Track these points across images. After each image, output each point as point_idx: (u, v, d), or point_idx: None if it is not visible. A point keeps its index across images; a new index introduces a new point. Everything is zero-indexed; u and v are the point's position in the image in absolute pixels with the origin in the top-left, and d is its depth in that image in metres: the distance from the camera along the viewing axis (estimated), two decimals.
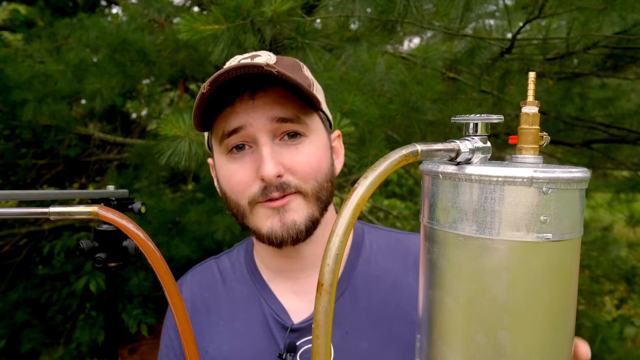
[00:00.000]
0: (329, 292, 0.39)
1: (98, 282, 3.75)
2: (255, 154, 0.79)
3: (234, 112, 0.79)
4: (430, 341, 0.48)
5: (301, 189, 0.79)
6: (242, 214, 0.83)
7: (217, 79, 0.73)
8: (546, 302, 0.43)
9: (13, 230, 4.01)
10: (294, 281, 0.91)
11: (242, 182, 0.80)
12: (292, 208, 0.80)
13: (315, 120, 0.84)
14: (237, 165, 0.81)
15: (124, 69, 2.87)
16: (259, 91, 0.79)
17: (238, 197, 0.82)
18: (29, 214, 0.52)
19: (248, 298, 0.93)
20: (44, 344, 3.90)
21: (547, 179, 0.42)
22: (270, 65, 0.72)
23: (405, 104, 2.36)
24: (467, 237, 0.44)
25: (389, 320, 0.86)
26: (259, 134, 0.78)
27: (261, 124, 0.78)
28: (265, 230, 0.80)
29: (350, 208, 0.39)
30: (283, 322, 0.87)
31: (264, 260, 0.95)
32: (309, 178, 0.80)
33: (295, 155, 0.79)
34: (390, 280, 0.90)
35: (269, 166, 0.75)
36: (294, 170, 0.79)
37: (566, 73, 3.27)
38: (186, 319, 0.52)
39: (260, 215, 0.81)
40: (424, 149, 0.44)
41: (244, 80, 0.77)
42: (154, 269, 0.51)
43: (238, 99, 0.79)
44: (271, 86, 0.79)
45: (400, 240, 0.97)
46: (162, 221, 3.27)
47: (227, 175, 0.82)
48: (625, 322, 4.22)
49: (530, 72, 0.49)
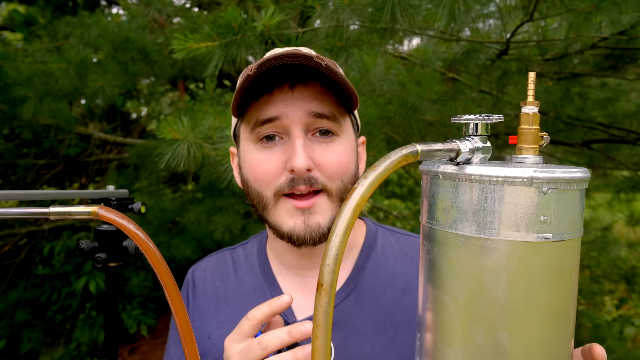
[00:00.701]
0: (329, 292, 0.39)
1: (98, 282, 3.75)
2: (287, 146, 0.78)
3: (272, 101, 0.78)
4: (430, 341, 0.48)
5: (327, 187, 0.79)
6: (264, 206, 0.82)
7: (266, 63, 0.72)
8: (546, 302, 0.43)
9: (13, 230, 4.01)
10: (301, 279, 0.91)
11: (270, 172, 0.79)
12: (317, 210, 0.79)
13: (347, 122, 0.84)
14: (265, 155, 0.80)
15: (126, 67, 2.88)
16: (299, 83, 0.78)
17: (262, 187, 0.81)
18: (29, 214, 0.52)
19: (255, 290, 0.94)
20: (44, 344, 3.90)
21: (547, 179, 0.42)
22: (320, 57, 0.72)
23: (404, 105, 2.36)
24: (467, 237, 0.44)
25: (394, 326, 0.85)
26: (293, 126, 0.78)
27: (297, 117, 0.77)
28: (286, 228, 0.80)
29: (350, 208, 0.39)
30: (286, 317, 0.87)
31: (276, 255, 0.95)
32: (335, 177, 0.80)
33: (326, 153, 0.79)
34: (400, 286, 0.89)
35: (301, 158, 0.74)
36: (323, 167, 0.78)
37: (565, 73, 3.26)
38: (186, 318, 0.52)
39: (283, 211, 0.80)
40: (424, 149, 0.44)
41: (285, 71, 0.77)
42: (154, 269, 0.51)
43: (277, 88, 0.78)
44: (311, 80, 0.79)
45: (416, 245, 0.96)
46: (162, 221, 3.27)
47: (254, 164, 0.81)
48: (625, 322, 4.22)
49: (530, 72, 0.49)
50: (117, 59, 2.85)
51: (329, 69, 0.72)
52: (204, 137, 1.87)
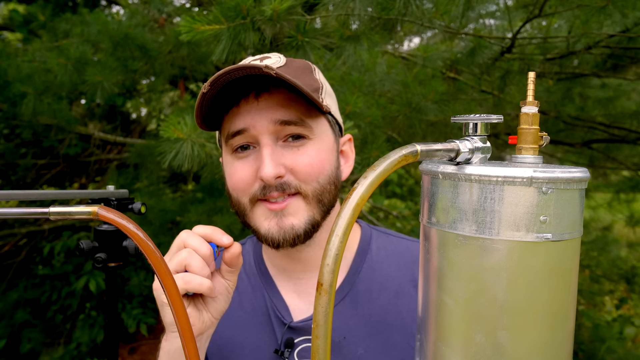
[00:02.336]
0: (329, 292, 0.39)
1: (98, 282, 3.75)
2: (257, 155, 0.80)
3: (239, 113, 0.80)
4: (430, 341, 0.48)
5: (301, 190, 0.80)
6: (243, 212, 0.84)
7: (218, 80, 0.74)
8: (546, 302, 0.43)
9: (13, 230, 4.01)
10: (295, 281, 0.92)
11: (243, 180, 0.81)
12: (290, 212, 0.80)
13: (321, 123, 0.84)
14: (239, 164, 0.82)
15: (125, 64, 2.87)
16: (263, 93, 0.79)
17: (239, 195, 0.83)
18: (29, 214, 0.52)
19: (254, 290, 0.95)
20: (44, 344, 3.90)
21: (546, 178, 0.42)
22: (269, 67, 0.72)
23: (407, 105, 2.36)
24: (467, 237, 0.44)
25: (388, 329, 0.86)
26: (261, 136, 0.79)
27: (264, 127, 0.78)
28: (263, 231, 0.82)
29: (349, 208, 0.40)
30: (282, 318, 0.88)
31: (269, 257, 0.97)
32: (310, 179, 0.80)
33: (297, 156, 0.80)
34: (393, 290, 0.90)
35: (268, 167, 0.76)
36: (295, 170, 0.79)
37: (566, 73, 3.26)
38: (186, 318, 0.52)
39: (259, 215, 0.82)
40: (424, 149, 0.44)
41: (249, 81, 0.78)
42: (154, 269, 0.51)
43: (243, 99, 0.80)
44: (276, 88, 0.79)
45: (410, 249, 0.96)
46: (163, 221, 3.27)
47: (230, 173, 0.84)
48: (625, 322, 4.22)
49: (530, 72, 0.49)
50: (116, 56, 2.84)
51: (280, 76, 0.72)
52: (206, 136, 1.87)
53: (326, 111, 0.83)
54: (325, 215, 0.84)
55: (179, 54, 2.98)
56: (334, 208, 0.87)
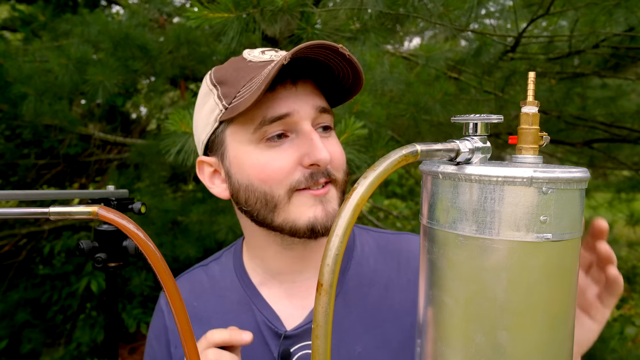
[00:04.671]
0: (329, 292, 0.39)
1: (99, 283, 3.75)
2: (297, 142, 0.77)
3: (278, 97, 0.76)
4: (430, 341, 0.48)
5: (335, 178, 0.81)
6: (275, 205, 0.78)
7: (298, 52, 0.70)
8: (546, 302, 0.43)
9: (13, 230, 4.01)
10: (288, 285, 0.89)
11: (283, 170, 0.76)
12: (331, 197, 0.80)
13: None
14: (274, 153, 0.77)
15: (126, 64, 2.87)
16: (300, 79, 0.78)
17: (273, 187, 0.77)
18: (29, 214, 0.52)
19: (239, 305, 0.90)
20: (45, 344, 3.90)
21: (546, 179, 0.42)
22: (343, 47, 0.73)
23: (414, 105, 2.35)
24: (467, 237, 0.44)
25: (382, 323, 0.85)
26: (303, 122, 0.77)
27: (307, 112, 0.77)
28: (305, 220, 0.77)
29: (350, 208, 0.40)
30: (276, 328, 0.85)
31: (261, 262, 0.91)
32: (340, 169, 0.82)
33: (330, 146, 0.80)
34: (383, 283, 0.89)
35: (324, 151, 0.74)
36: (332, 159, 0.79)
37: (567, 73, 3.27)
38: (186, 318, 0.52)
39: (298, 205, 0.78)
40: (424, 149, 0.44)
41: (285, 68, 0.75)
42: (154, 269, 0.51)
43: (280, 85, 0.76)
44: (306, 77, 0.80)
45: (391, 241, 0.96)
46: (164, 221, 3.27)
47: (260, 164, 0.77)
48: (625, 321, 4.22)
49: (530, 72, 0.49)
50: (116, 56, 2.84)
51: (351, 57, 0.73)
52: None
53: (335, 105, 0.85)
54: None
55: (179, 53, 2.98)
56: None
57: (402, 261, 0.92)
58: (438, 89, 2.34)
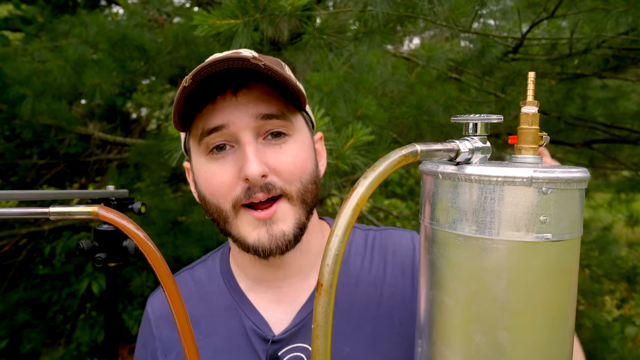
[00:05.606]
0: (329, 293, 0.39)
1: (100, 283, 3.75)
2: (238, 154, 0.75)
3: (215, 109, 0.74)
4: (430, 341, 0.48)
5: (286, 191, 0.76)
6: (225, 219, 0.77)
7: (200, 72, 0.68)
8: (546, 302, 0.43)
9: (13, 230, 4.01)
10: (275, 290, 0.87)
11: (224, 184, 0.75)
12: (279, 218, 0.76)
13: (299, 120, 0.81)
14: (217, 166, 0.76)
15: (123, 64, 2.86)
16: (242, 88, 0.75)
17: (219, 201, 0.76)
18: (29, 214, 0.52)
19: (226, 311, 0.88)
20: (44, 344, 3.90)
21: (546, 179, 0.42)
22: (257, 58, 0.68)
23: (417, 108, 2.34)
24: (467, 237, 0.44)
25: (371, 322, 0.84)
26: (241, 133, 0.74)
27: (244, 122, 0.73)
28: (251, 241, 0.76)
29: (350, 208, 0.39)
30: (264, 334, 0.83)
31: (243, 269, 0.90)
32: (293, 179, 0.76)
33: (280, 155, 0.75)
34: (371, 281, 0.87)
35: (254, 165, 0.71)
36: (279, 170, 0.75)
37: (567, 74, 3.27)
38: (186, 319, 0.52)
39: (245, 223, 0.76)
40: (424, 149, 0.44)
41: (225, 76, 0.73)
42: (153, 269, 0.51)
43: (220, 95, 0.74)
44: (254, 82, 0.75)
45: (377, 238, 0.94)
46: (164, 221, 3.27)
47: (207, 177, 0.77)
48: (626, 321, 4.22)
49: (530, 72, 0.49)
50: (114, 56, 2.83)
51: (267, 68, 0.68)
52: None
53: (303, 106, 0.80)
54: (309, 216, 0.80)
55: (178, 53, 2.98)
56: (314, 208, 0.84)
57: (389, 257, 0.90)
58: (441, 92, 2.33)
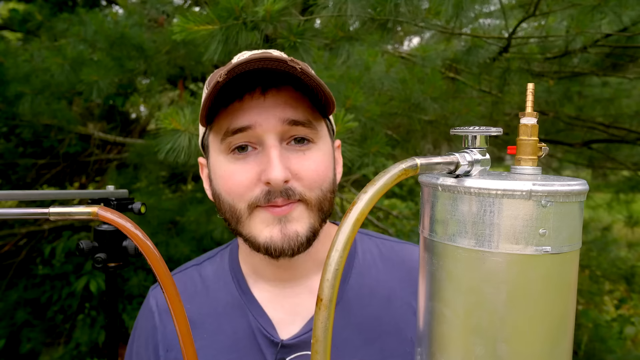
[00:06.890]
0: (329, 307, 0.39)
1: (98, 283, 3.75)
2: (261, 156, 0.74)
3: (242, 109, 0.73)
4: (429, 353, 0.48)
5: (305, 197, 0.75)
6: (238, 219, 0.77)
7: (236, 68, 0.67)
8: (545, 314, 0.44)
9: (13, 230, 4.01)
10: (281, 290, 0.87)
11: (243, 184, 0.74)
12: (294, 217, 0.75)
13: (323, 127, 0.80)
14: (238, 166, 0.75)
15: (121, 63, 2.86)
16: (272, 89, 0.74)
17: (235, 200, 0.76)
18: (29, 214, 0.52)
19: (233, 309, 0.87)
20: (44, 344, 3.90)
21: (545, 192, 0.42)
22: (294, 61, 0.68)
23: (406, 101, 2.36)
24: (466, 250, 0.44)
25: (382, 336, 0.82)
26: (267, 135, 0.72)
27: (271, 125, 0.72)
28: (262, 240, 0.75)
29: (350, 223, 0.40)
30: (272, 337, 0.82)
31: (251, 268, 0.89)
32: (314, 186, 0.75)
33: (303, 162, 0.75)
34: (385, 294, 0.86)
35: (277, 170, 0.70)
36: (301, 176, 0.74)
37: (565, 72, 3.26)
38: (185, 320, 0.52)
39: (258, 222, 0.75)
40: (423, 162, 0.44)
41: (255, 76, 0.72)
42: (153, 269, 0.51)
43: (248, 94, 0.73)
44: (283, 85, 0.74)
45: (395, 249, 0.92)
46: (162, 221, 3.27)
47: (225, 176, 0.76)
48: (625, 321, 4.23)
49: (529, 84, 0.49)
50: (112, 55, 2.83)
51: (304, 72, 0.67)
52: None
53: (329, 114, 0.79)
54: (322, 224, 0.79)
55: (177, 53, 2.98)
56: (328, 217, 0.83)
57: (405, 272, 0.88)
58: (428, 84, 2.34)
